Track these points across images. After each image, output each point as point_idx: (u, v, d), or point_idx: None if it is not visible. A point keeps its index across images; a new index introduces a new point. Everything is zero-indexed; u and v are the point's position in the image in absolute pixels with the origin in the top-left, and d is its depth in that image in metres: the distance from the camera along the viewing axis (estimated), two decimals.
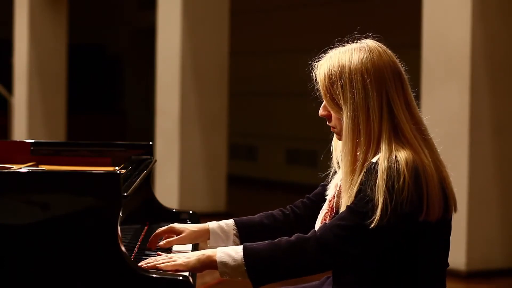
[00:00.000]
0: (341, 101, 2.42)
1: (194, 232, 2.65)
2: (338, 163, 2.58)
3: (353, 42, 2.52)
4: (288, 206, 2.77)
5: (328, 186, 2.63)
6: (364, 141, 2.38)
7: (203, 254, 2.40)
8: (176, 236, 2.66)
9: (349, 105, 2.40)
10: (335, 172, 2.62)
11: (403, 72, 2.48)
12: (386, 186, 2.28)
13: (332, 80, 2.43)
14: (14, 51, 11.65)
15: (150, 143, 3.33)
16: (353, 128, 2.39)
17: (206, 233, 2.66)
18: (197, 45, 8.64)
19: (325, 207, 2.57)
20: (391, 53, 2.50)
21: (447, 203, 2.39)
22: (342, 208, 2.40)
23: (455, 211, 2.43)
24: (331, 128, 2.51)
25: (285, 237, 2.37)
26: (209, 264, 2.38)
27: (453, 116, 6.14)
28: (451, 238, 2.52)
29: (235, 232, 2.68)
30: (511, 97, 6.28)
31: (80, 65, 14.02)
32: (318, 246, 2.32)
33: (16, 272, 2.28)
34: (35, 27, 11.35)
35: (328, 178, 2.66)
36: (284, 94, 11.49)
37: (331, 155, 2.64)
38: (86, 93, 14.52)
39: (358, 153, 2.40)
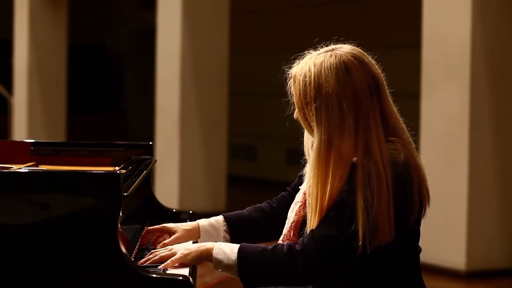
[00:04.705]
0: (314, 123, 2.36)
1: (188, 230, 2.68)
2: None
3: (328, 45, 2.44)
4: (274, 198, 2.81)
5: (303, 172, 2.63)
6: (336, 165, 2.33)
7: (204, 246, 2.43)
8: (169, 235, 2.68)
9: (323, 128, 2.34)
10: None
11: (382, 81, 2.40)
12: (363, 197, 2.28)
13: (307, 100, 2.37)
14: (14, 51, 11.65)
15: (150, 143, 3.33)
16: (327, 151, 2.33)
17: (198, 231, 2.69)
18: (197, 45, 8.64)
19: (299, 198, 2.57)
20: (368, 63, 2.40)
21: (422, 205, 2.38)
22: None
23: (429, 206, 2.43)
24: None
25: (280, 245, 2.38)
26: (208, 257, 2.41)
27: (453, 116, 6.14)
28: (450, 238, 2.53)
29: (225, 228, 2.71)
30: (511, 97, 6.28)
31: (80, 65, 14.02)
32: (305, 259, 2.33)
33: (16, 272, 2.28)
34: (35, 27, 11.35)
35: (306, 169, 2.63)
36: (284, 94, 11.48)
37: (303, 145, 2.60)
38: (86, 93, 14.52)
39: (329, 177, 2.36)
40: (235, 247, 2.39)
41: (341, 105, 2.32)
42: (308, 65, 2.39)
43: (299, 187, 2.63)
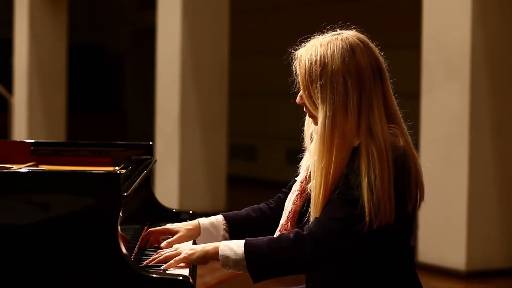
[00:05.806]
0: (319, 100, 2.41)
1: (189, 230, 2.70)
2: (311, 136, 2.57)
3: (334, 31, 2.49)
4: (270, 200, 2.83)
5: (299, 165, 2.65)
6: (340, 145, 2.37)
7: (209, 245, 2.44)
8: (172, 235, 2.68)
9: (328, 105, 2.38)
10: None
11: (384, 67, 2.46)
12: (367, 176, 2.31)
13: (312, 78, 2.43)
14: (14, 51, 11.65)
15: (150, 143, 3.33)
16: (331, 129, 2.37)
17: (199, 229, 2.71)
18: (197, 45, 8.64)
19: (296, 188, 2.59)
20: (373, 47, 2.47)
21: (417, 196, 2.42)
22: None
23: (423, 200, 2.46)
24: (308, 113, 2.52)
25: (285, 234, 2.41)
26: (213, 255, 2.42)
27: (453, 116, 6.14)
28: (450, 238, 2.54)
29: (224, 227, 2.73)
30: (511, 97, 6.28)
31: (80, 65, 14.02)
32: (313, 244, 2.34)
33: (16, 272, 2.28)
34: (35, 27, 11.34)
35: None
36: (284, 94, 11.48)
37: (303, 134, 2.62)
38: (86, 93, 14.51)
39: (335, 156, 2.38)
40: (241, 242, 2.40)
41: (346, 83, 2.38)
42: (315, 46, 2.46)
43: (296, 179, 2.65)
